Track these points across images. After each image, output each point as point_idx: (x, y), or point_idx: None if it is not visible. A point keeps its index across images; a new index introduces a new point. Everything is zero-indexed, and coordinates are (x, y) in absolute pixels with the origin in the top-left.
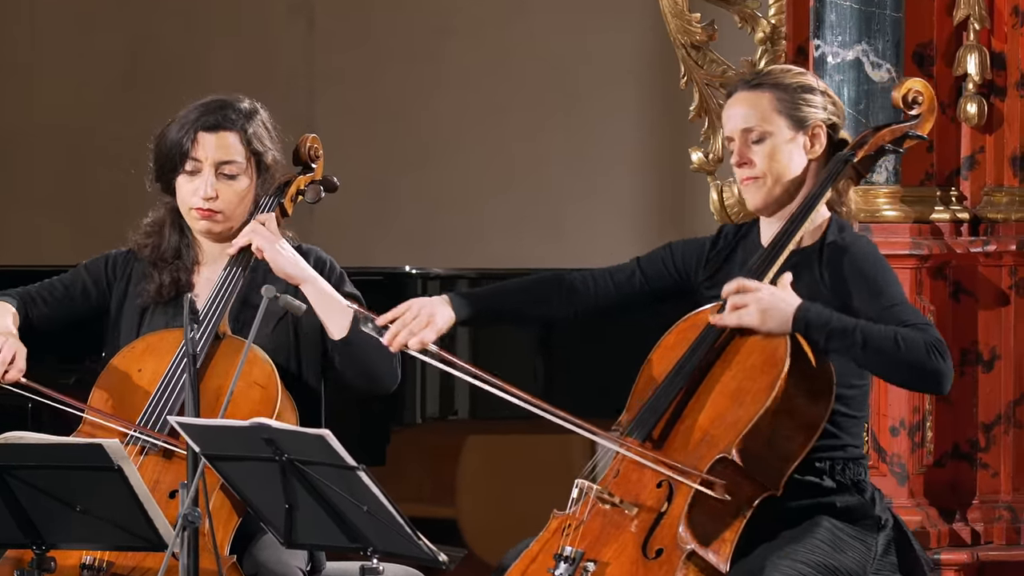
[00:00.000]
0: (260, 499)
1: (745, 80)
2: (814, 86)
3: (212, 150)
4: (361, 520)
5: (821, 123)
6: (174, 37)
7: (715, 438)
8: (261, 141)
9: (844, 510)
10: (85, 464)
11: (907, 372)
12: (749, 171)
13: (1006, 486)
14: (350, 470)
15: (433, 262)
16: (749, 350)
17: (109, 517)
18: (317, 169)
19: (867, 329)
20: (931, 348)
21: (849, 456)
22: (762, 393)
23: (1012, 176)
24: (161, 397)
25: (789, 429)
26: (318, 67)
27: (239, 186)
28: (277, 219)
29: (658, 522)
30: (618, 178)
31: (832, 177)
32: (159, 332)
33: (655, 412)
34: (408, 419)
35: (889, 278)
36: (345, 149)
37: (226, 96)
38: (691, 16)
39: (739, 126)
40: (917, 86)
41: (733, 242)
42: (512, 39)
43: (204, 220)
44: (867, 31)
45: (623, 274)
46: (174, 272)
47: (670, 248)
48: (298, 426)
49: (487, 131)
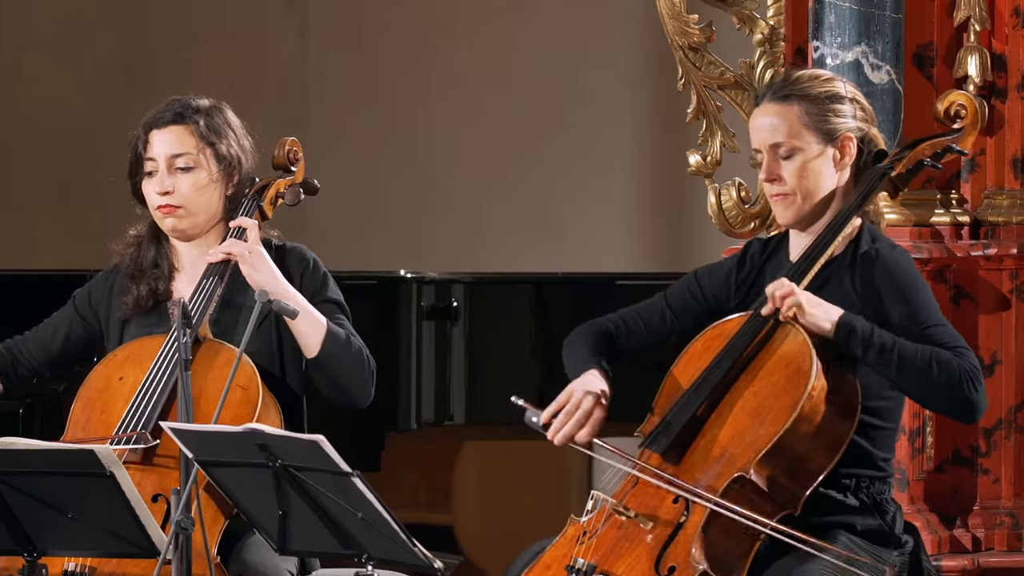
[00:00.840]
0: (254, 505)
1: (772, 89)
2: (843, 94)
3: (162, 146)
4: (356, 527)
5: (851, 134)
6: (166, 38)
7: (734, 456)
8: (215, 132)
9: (864, 532)
10: (77, 470)
11: (939, 398)
12: (779, 188)
13: (1007, 492)
14: (344, 476)
15: (428, 265)
16: (773, 367)
17: (101, 523)
18: (298, 172)
19: (904, 349)
20: (967, 377)
21: (875, 475)
22: (783, 413)
23: (1013, 179)
24: (140, 403)
25: (811, 448)
26: (311, 67)
27: (196, 178)
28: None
29: (673, 538)
30: (615, 180)
31: (868, 193)
32: (140, 339)
33: (675, 424)
34: (403, 424)
35: (926, 294)
36: (339, 150)
37: (186, 96)
38: (689, 17)
39: (767, 141)
40: (961, 99)
41: (761, 262)
42: (508, 39)
43: (168, 217)
44: (866, 32)
45: (654, 317)
46: (151, 282)
47: (696, 280)
48: (282, 428)
49: (483, 132)
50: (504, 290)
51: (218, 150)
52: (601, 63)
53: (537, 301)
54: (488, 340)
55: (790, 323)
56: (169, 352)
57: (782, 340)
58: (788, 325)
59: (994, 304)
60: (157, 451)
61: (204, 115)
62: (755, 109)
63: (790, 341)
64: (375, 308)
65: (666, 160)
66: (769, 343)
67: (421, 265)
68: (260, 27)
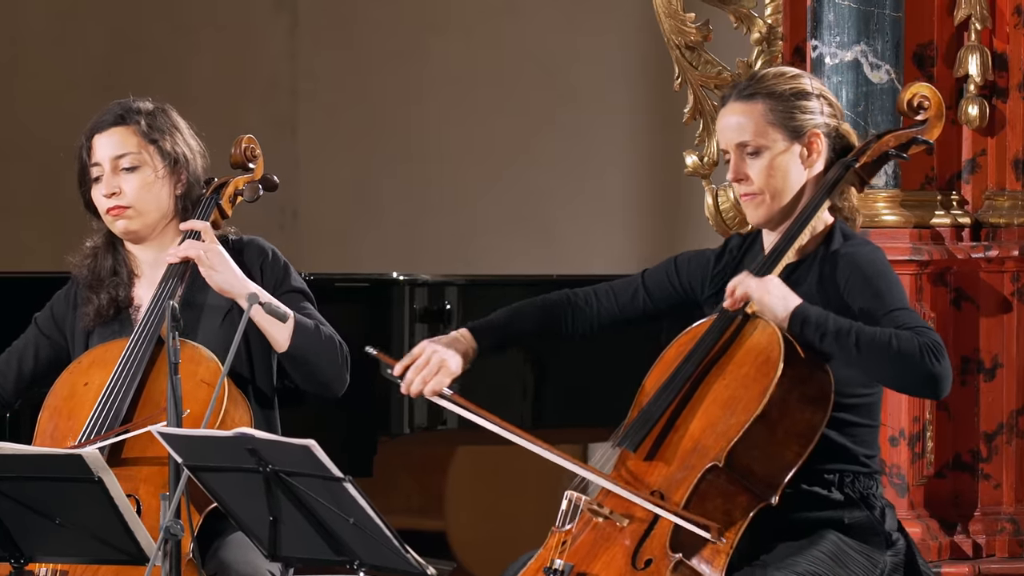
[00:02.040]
0: (244, 511)
1: (738, 88)
2: (809, 90)
3: (105, 148)
4: (347, 533)
5: (818, 131)
6: (155, 38)
7: (706, 447)
8: (158, 130)
9: (851, 526)
10: (64, 475)
11: (901, 374)
12: (747, 187)
13: (1008, 497)
14: (336, 481)
15: (421, 267)
16: (743, 359)
17: (89, 529)
18: (256, 169)
19: (862, 331)
20: (926, 349)
21: (860, 470)
22: (753, 401)
23: (1015, 180)
24: (105, 405)
25: (783, 436)
26: (302, 66)
27: (142, 177)
28: (216, 221)
29: (649, 533)
30: (611, 181)
31: (833, 185)
32: (104, 344)
33: (648, 422)
34: (396, 429)
35: (891, 282)
36: (330, 151)
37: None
38: (685, 16)
39: (733, 140)
40: (923, 91)
41: (739, 255)
42: (502, 38)
43: (118, 219)
44: (866, 31)
45: (627, 292)
46: (111, 290)
47: (675, 263)
48: (251, 425)
49: (476, 132)
50: (498, 292)
51: (162, 147)
52: (596, 62)
53: None
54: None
55: (758, 317)
56: (133, 353)
57: (751, 333)
58: (758, 319)
59: (995, 307)
60: (126, 449)
61: (146, 116)
62: (721, 110)
63: (759, 333)
64: (367, 310)
65: (662, 161)
66: (739, 337)
67: (414, 267)
68: (250, 26)
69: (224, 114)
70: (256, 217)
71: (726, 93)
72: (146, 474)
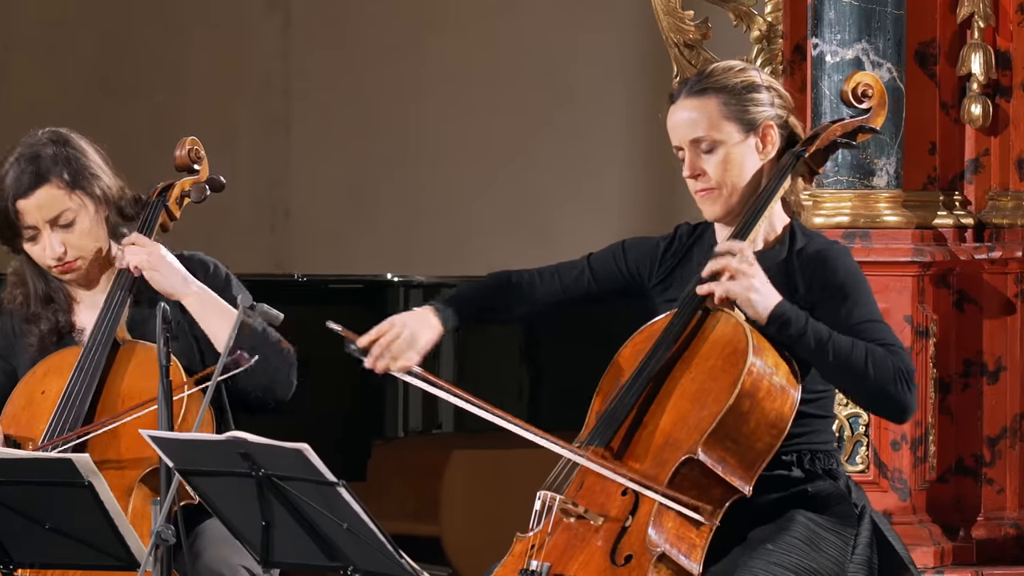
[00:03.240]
0: (236, 516)
1: (687, 84)
2: (759, 83)
3: (38, 212)
4: (341, 538)
5: (771, 122)
6: (147, 39)
7: (678, 441)
8: (79, 174)
9: (817, 498)
10: (54, 480)
11: (870, 394)
12: (704, 183)
13: (1012, 502)
14: (329, 486)
15: (416, 269)
16: (708, 351)
17: (79, 534)
18: (202, 171)
19: (839, 343)
20: (900, 376)
21: (818, 448)
22: (724, 392)
23: (1018, 180)
24: (64, 410)
25: (755, 426)
26: (294, 65)
27: (83, 226)
28: (164, 223)
29: (626, 529)
30: (609, 180)
31: (784, 173)
32: (60, 352)
33: (615, 419)
34: (390, 433)
35: (863, 290)
36: (324, 150)
37: (26, 145)
38: (684, 14)
39: (687, 136)
40: (866, 79)
41: (688, 244)
42: (498, 36)
43: (68, 273)
44: (867, 29)
45: (571, 274)
46: (51, 317)
47: (623, 247)
48: (212, 428)
49: (472, 132)
50: None
51: (90, 192)
52: (593, 61)
53: None
54: (476, 346)
55: (719, 309)
56: (89, 357)
57: (714, 326)
58: (718, 312)
59: (998, 309)
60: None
61: (59, 161)
62: (670, 107)
63: (723, 325)
64: (362, 312)
65: (659, 160)
66: (701, 331)
67: (409, 268)
68: (242, 25)
69: (217, 114)
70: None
71: (673, 91)
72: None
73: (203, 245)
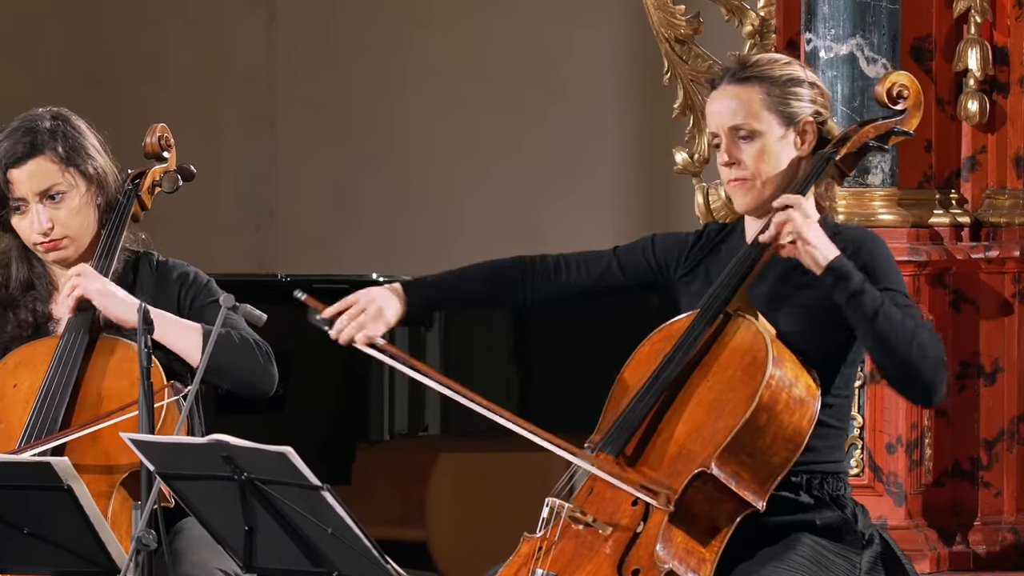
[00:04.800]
0: (218, 521)
1: (731, 72)
2: (803, 78)
3: (28, 183)
4: (325, 543)
5: (811, 118)
6: (129, 32)
7: (692, 452)
8: (74, 150)
9: (824, 528)
10: (32, 483)
11: (908, 371)
12: (738, 172)
13: (1009, 506)
14: (314, 490)
15: (402, 268)
16: (727, 360)
17: (58, 540)
18: (170, 159)
19: (890, 312)
20: (940, 361)
21: (828, 471)
22: (741, 404)
23: (1015, 178)
24: (43, 407)
25: (772, 440)
26: (279, 60)
27: (72, 204)
28: (136, 213)
29: (634, 541)
30: (599, 179)
31: (814, 177)
32: (31, 344)
33: (629, 426)
34: (375, 435)
35: (897, 271)
36: (309, 147)
37: (25, 118)
38: (675, 8)
39: (727, 123)
40: (902, 79)
41: (716, 240)
42: (486, 31)
43: (53, 251)
44: (862, 24)
45: (599, 264)
46: (29, 305)
47: (652, 240)
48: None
49: (459, 128)
50: None
51: (83, 170)
52: (584, 56)
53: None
54: (465, 346)
55: (740, 315)
56: (66, 351)
57: (734, 333)
58: (739, 318)
59: (996, 309)
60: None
61: (56, 137)
62: (712, 93)
63: (742, 332)
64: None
65: (651, 158)
66: (721, 337)
67: (395, 268)
68: (224, 20)
69: (200, 109)
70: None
71: (716, 78)
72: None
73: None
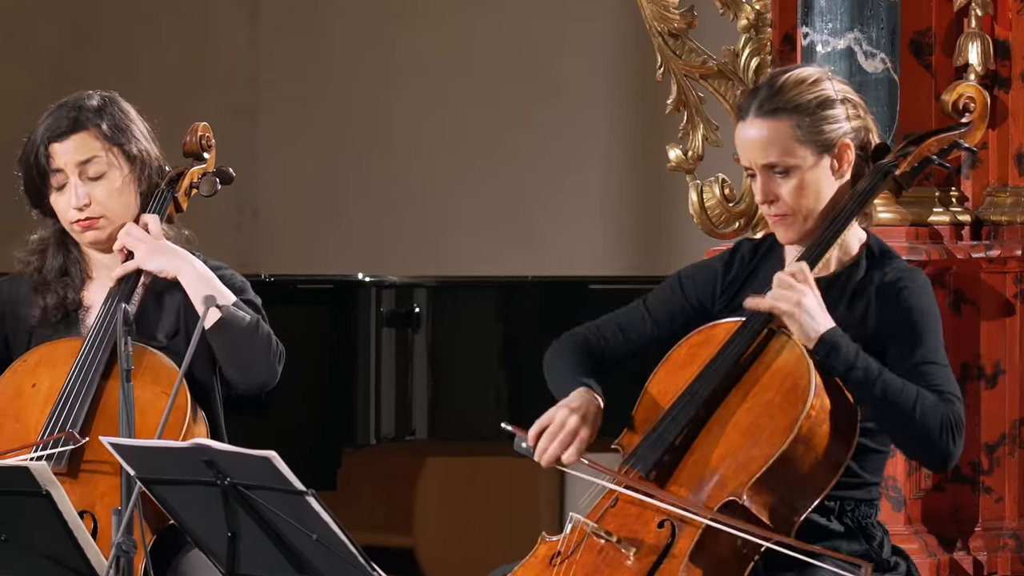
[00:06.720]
0: (201, 526)
1: (757, 101)
2: (833, 97)
3: (68, 155)
4: (310, 549)
5: (847, 140)
6: (109, 28)
7: (725, 478)
8: (119, 131)
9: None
10: (10, 489)
11: (913, 440)
12: (778, 209)
13: (1011, 512)
14: (298, 495)
15: (388, 268)
16: (768, 383)
17: (36, 546)
18: (209, 160)
19: (888, 381)
20: (947, 426)
21: (861, 498)
22: (779, 434)
23: (1017, 175)
24: (61, 410)
25: (808, 472)
26: (262, 55)
27: (111, 183)
28: (171, 215)
29: (658, 566)
30: (589, 176)
31: (870, 192)
32: (53, 343)
33: (661, 444)
34: (361, 439)
35: (934, 329)
36: (293, 143)
37: (74, 97)
38: (668, 2)
39: (759, 160)
40: (970, 91)
41: (752, 263)
42: (474, 25)
43: (88, 231)
44: (860, 17)
45: (634, 326)
46: (60, 291)
47: (679, 282)
48: (207, 437)
49: (446, 125)
50: (470, 295)
51: (127, 151)
52: (574, 51)
53: (505, 307)
54: (452, 349)
55: (784, 333)
56: (89, 355)
57: (777, 352)
58: (782, 335)
59: (997, 309)
60: (82, 463)
61: (102, 115)
62: (740, 122)
63: (787, 354)
64: (331, 314)
65: (644, 155)
66: (762, 355)
67: (381, 267)
68: (208, 15)
69: (181, 106)
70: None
71: (742, 103)
72: (103, 490)
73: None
